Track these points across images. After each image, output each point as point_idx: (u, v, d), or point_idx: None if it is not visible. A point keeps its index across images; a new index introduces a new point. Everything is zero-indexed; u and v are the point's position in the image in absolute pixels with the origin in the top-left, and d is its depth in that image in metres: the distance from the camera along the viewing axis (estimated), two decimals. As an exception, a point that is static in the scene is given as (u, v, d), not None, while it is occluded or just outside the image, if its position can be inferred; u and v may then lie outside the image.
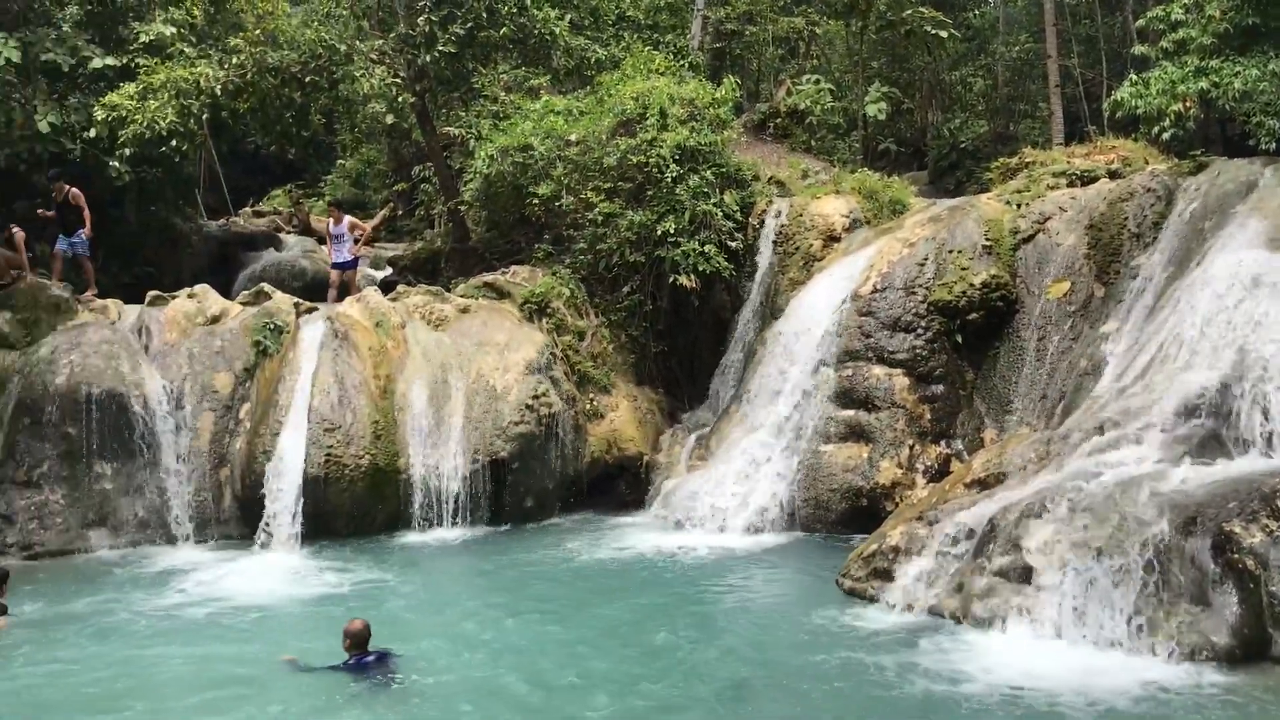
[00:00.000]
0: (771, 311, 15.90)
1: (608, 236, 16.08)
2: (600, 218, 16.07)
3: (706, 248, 15.74)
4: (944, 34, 23.00)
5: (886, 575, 10.31)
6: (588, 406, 15.50)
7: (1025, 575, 9.05)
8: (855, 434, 13.73)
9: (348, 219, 17.86)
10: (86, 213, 15.85)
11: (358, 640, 8.31)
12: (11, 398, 13.50)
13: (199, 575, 11.82)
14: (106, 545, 13.18)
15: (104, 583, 11.58)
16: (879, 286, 14.43)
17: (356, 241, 17.85)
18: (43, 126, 17.31)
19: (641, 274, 16.19)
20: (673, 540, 13.33)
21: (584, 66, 19.49)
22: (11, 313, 14.48)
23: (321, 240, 22.94)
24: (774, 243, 16.45)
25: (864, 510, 13.14)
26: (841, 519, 13.31)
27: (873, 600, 10.17)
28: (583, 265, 16.44)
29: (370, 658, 8.34)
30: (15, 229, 15.18)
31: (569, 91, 19.04)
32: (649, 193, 16.05)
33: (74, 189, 15.84)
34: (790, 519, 13.65)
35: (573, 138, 16.68)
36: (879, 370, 13.97)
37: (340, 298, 16.78)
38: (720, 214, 16.06)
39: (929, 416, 13.78)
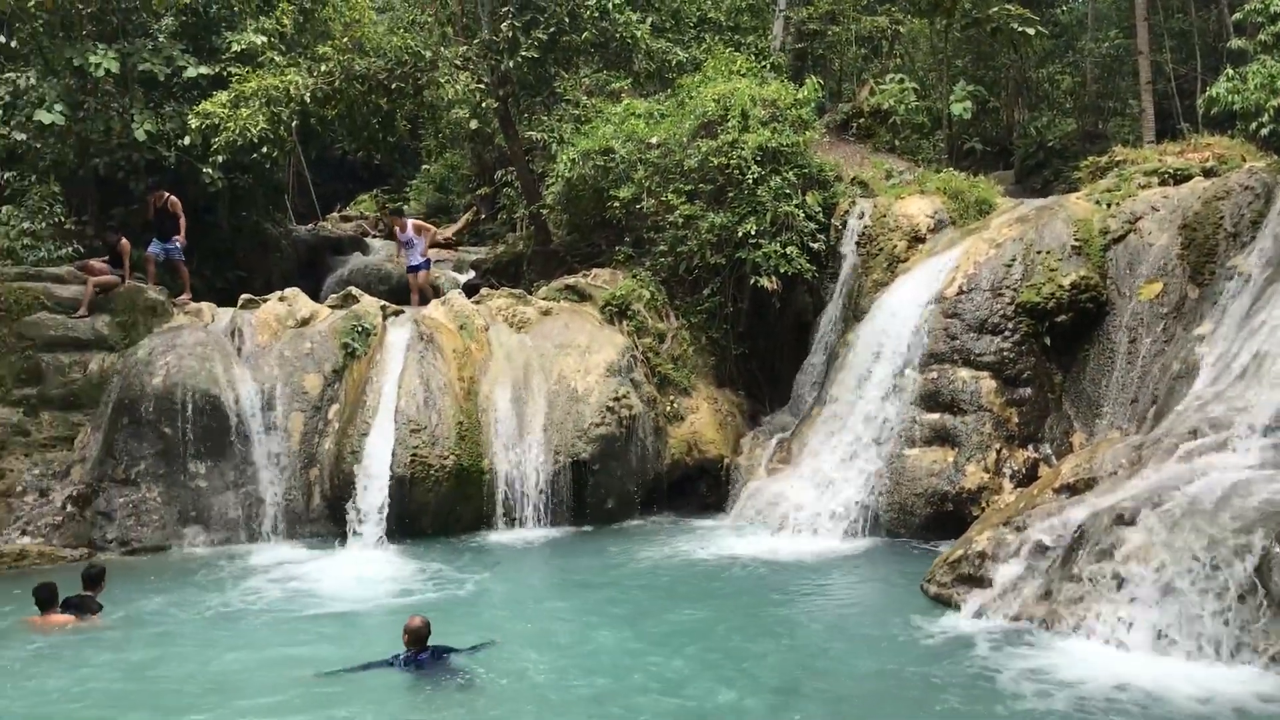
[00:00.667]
0: (854, 313, 15.76)
1: (688, 238, 16.09)
2: (681, 220, 16.08)
3: (788, 249, 15.67)
4: (1031, 31, 22.56)
5: (973, 581, 10.15)
6: (668, 409, 15.53)
7: (1117, 583, 8.84)
8: (940, 437, 13.55)
9: (411, 222, 18.15)
10: (182, 220, 16.34)
11: (416, 637, 8.42)
12: (111, 398, 13.94)
13: (288, 573, 12.07)
14: (200, 542, 13.54)
15: (197, 579, 11.89)
16: (965, 288, 14.23)
17: (432, 245, 18.11)
18: (140, 135, 17.81)
19: (722, 276, 16.17)
20: (754, 544, 13.29)
21: (665, 69, 19.52)
22: (111, 315, 14.98)
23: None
24: (857, 244, 16.31)
25: (949, 515, 12.96)
26: (926, 524, 13.14)
27: (958, 606, 10.02)
28: (663, 267, 16.48)
29: (425, 655, 8.44)
30: (122, 239, 15.70)
31: (650, 94, 19.09)
32: (730, 194, 16.02)
33: (172, 197, 16.36)
34: (873, 523, 13.51)
35: (654, 140, 16.72)
36: (965, 373, 13.76)
37: (423, 300, 17.05)
38: (802, 215, 15.97)
39: (1016, 420, 13.54)
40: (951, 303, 14.18)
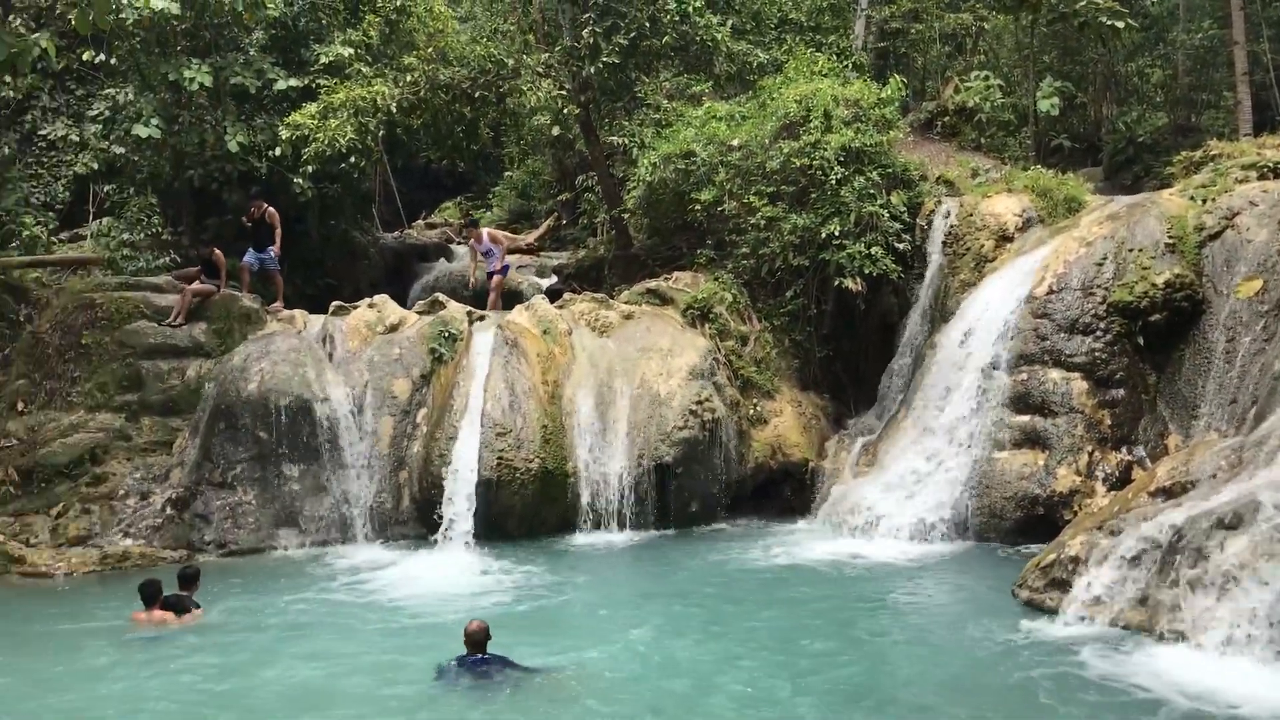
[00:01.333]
0: (941, 314, 15.56)
1: (770, 240, 16.04)
2: (763, 222, 16.03)
3: (873, 250, 15.53)
4: (1120, 24, 22.02)
5: (1066, 586, 9.95)
6: (751, 412, 15.48)
7: (1217, 588, 8.60)
8: (1031, 440, 13.31)
9: (487, 232, 18.33)
10: (278, 231, 16.77)
11: (474, 641, 8.50)
12: (208, 403, 14.34)
13: (379, 575, 12.29)
14: (295, 544, 13.85)
15: (291, 580, 12.16)
16: (1055, 287, 13.95)
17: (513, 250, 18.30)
18: (232, 146, 18.30)
19: (805, 278, 16.08)
20: (839, 547, 13.20)
21: (746, 71, 19.48)
22: (207, 323, 15.41)
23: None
24: (943, 243, 16.09)
25: (1040, 519, 12.72)
26: (1016, 528, 12.92)
27: (1051, 612, 9.83)
28: (745, 270, 16.44)
29: (483, 660, 8.49)
30: (216, 251, 16.15)
31: (731, 96, 19.07)
32: (813, 195, 15.93)
33: (270, 208, 16.80)
34: (961, 527, 13.32)
35: (735, 142, 16.70)
36: (1055, 374, 13.50)
37: (505, 304, 17.25)
38: (886, 215, 15.82)
39: (1109, 422, 13.24)
40: (1041, 303, 13.92)
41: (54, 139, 21.29)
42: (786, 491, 15.53)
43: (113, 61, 19.71)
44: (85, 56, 19.57)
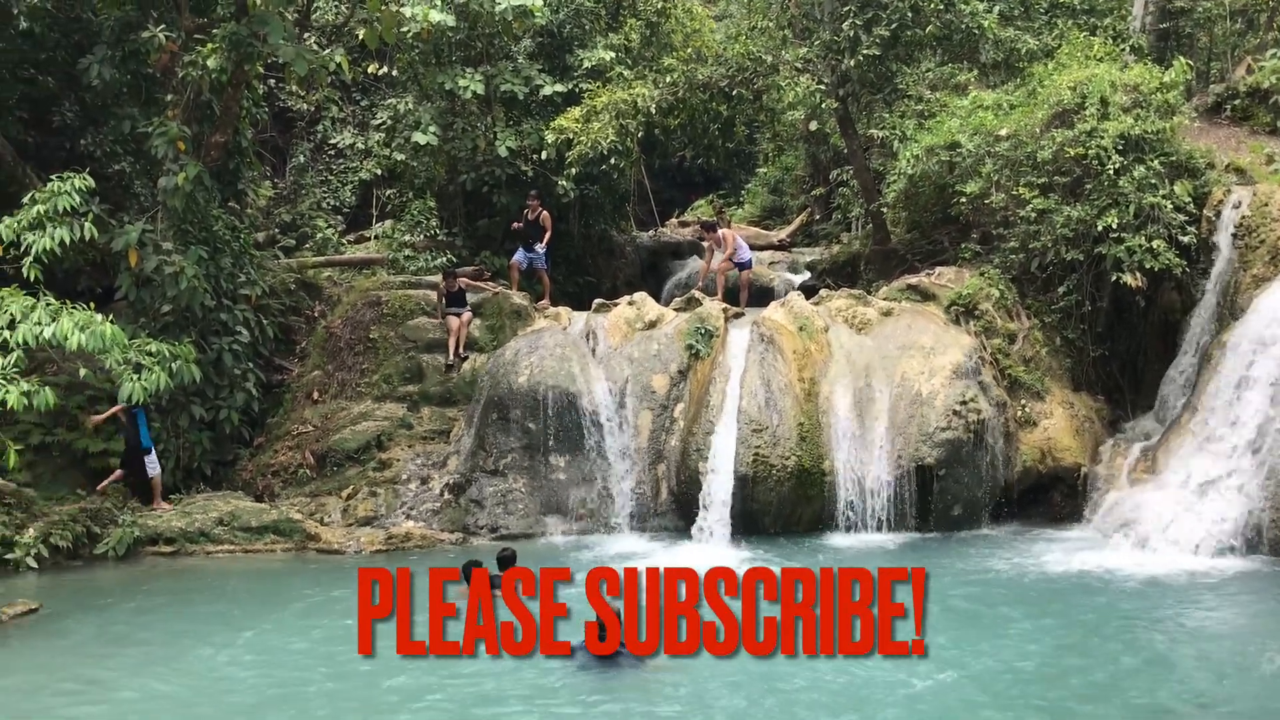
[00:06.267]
0: (1230, 312, 14.42)
1: (1041, 234, 15.33)
2: (1033, 214, 15.35)
3: (1154, 243, 14.57)
4: None
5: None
6: (1019, 413, 14.87)
7: None
8: (1339, 449, 12.17)
9: (723, 233, 18.22)
10: (549, 232, 17.49)
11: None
12: (482, 395, 15.12)
13: (639, 564, 12.54)
14: (559, 531, 14.41)
15: (559, 566, 12.56)
16: (1368, 282, 12.69)
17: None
18: (502, 151, 19.17)
19: (1079, 273, 15.27)
20: (1113, 559, 12.55)
21: (1014, 59, 18.66)
22: (481, 319, 16.25)
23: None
24: (1233, 236, 14.91)
25: (1351, 536, 11.63)
26: (1321, 544, 11.86)
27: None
28: (1013, 265, 15.79)
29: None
30: (464, 282, 16.76)
31: (997, 85, 18.35)
32: (1088, 186, 15.12)
33: (545, 211, 17.55)
34: (1254, 541, 12.40)
35: (1003, 132, 16.06)
36: (1368, 377, 12.29)
37: (755, 301, 17.26)
38: (1170, 206, 14.81)
39: None
40: (1352, 299, 12.69)
41: (342, 147, 22.99)
42: (1056, 497, 14.83)
43: (394, 73, 21.09)
44: (370, 69, 21.03)
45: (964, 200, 16.22)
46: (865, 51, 17.73)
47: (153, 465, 14.14)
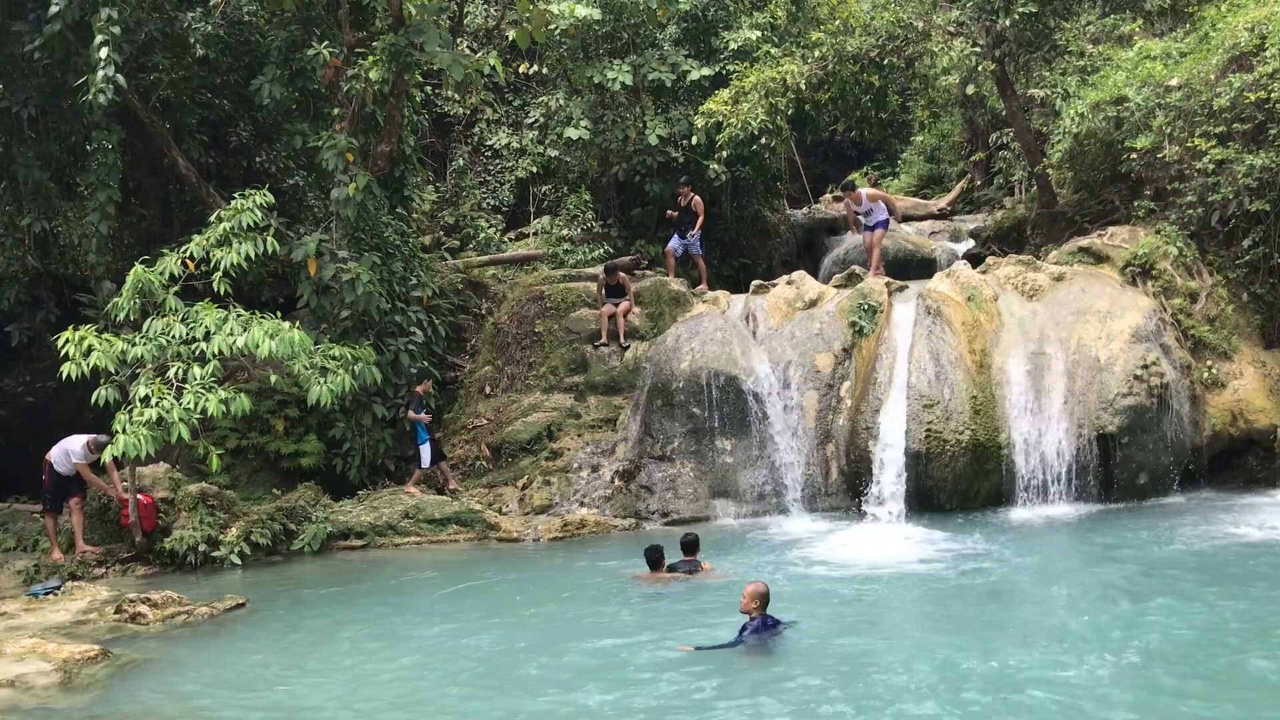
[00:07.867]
0: None
1: (1221, 185, 14.56)
2: (1211, 165, 14.58)
3: (1348, 187, 13.69)
4: None
5: None
6: (1205, 375, 14.20)
7: None
8: None
9: (865, 192, 17.90)
10: (701, 217, 17.56)
11: (764, 601, 8.69)
12: (646, 382, 15.30)
13: (816, 545, 12.54)
14: (731, 514, 14.47)
15: (734, 548, 12.67)
16: None
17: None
18: (652, 139, 19.30)
19: (1266, 224, 14.44)
20: (1321, 526, 11.83)
21: (1181, 3, 17.75)
22: (640, 307, 16.43)
23: (906, 218, 23.36)
24: None
25: None
26: None
27: None
28: (1191, 220, 15.04)
29: (769, 621, 8.67)
30: (622, 275, 16.85)
31: (1164, 34, 17.47)
32: (1272, 132, 14.26)
33: (697, 196, 17.63)
34: None
35: (1174, 82, 15.29)
36: None
37: (919, 273, 16.94)
38: (1364, 147, 13.87)
39: None
40: None
41: (498, 147, 23.51)
42: (1251, 461, 14.16)
43: (544, 71, 21.46)
44: (521, 69, 21.46)
45: (1134, 156, 15.52)
46: (1021, 9, 17.10)
47: (422, 459, 15.23)
